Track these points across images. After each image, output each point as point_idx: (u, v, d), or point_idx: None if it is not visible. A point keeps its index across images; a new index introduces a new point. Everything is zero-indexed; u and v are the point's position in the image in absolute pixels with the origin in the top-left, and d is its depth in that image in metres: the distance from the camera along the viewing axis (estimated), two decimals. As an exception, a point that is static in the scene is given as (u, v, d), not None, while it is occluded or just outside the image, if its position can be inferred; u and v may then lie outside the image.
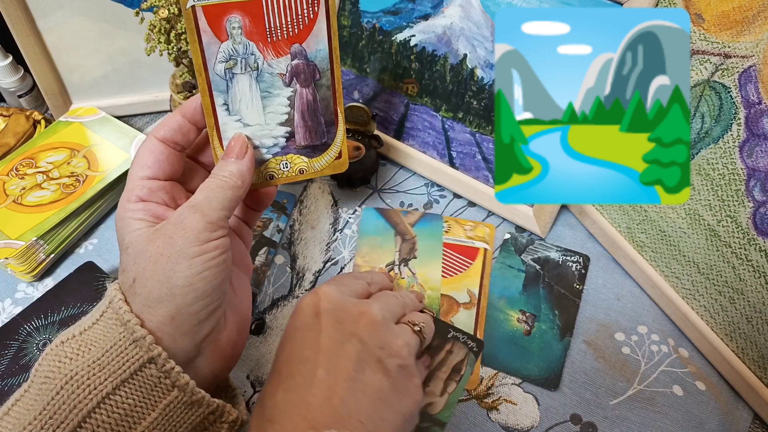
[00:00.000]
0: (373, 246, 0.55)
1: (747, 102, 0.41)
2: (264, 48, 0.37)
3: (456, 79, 0.56)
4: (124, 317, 0.32)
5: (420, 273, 0.53)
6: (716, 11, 0.42)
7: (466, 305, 0.51)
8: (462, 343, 0.46)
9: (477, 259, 0.54)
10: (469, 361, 0.45)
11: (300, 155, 0.40)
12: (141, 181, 0.36)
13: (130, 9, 0.61)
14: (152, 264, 0.33)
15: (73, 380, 0.30)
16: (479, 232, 0.56)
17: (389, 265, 0.54)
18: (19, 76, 0.65)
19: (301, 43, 0.38)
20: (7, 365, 0.44)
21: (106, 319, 0.32)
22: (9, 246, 0.50)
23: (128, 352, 0.31)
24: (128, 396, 0.31)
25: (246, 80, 0.37)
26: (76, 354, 0.31)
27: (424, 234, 0.56)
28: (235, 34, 0.37)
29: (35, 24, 0.60)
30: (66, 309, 0.47)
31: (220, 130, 0.38)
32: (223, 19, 0.36)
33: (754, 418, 0.46)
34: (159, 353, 0.31)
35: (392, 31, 0.58)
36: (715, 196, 0.44)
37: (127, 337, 0.31)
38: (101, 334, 0.32)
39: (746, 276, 0.43)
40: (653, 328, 0.51)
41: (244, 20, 0.36)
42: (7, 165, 0.58)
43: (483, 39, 0.54)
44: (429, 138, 0.60)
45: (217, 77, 0.37)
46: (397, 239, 0.56)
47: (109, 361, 0.31)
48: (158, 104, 0.69)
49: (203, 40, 0.36)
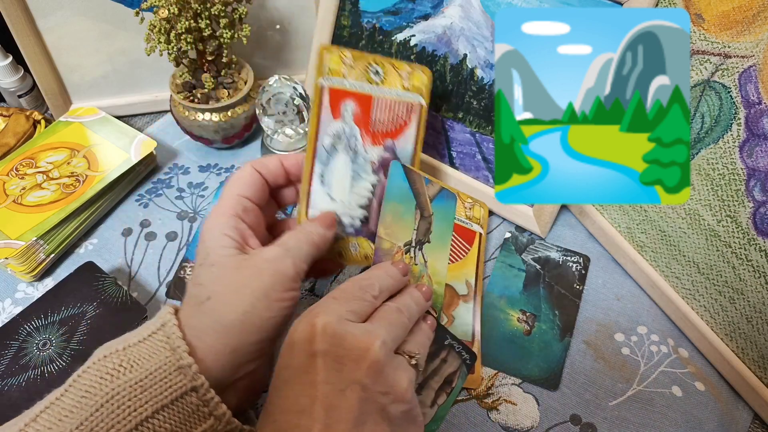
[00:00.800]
0: (396, 216, 0.47)
1: (747, 102, 0.41)
2: (365, 135, 0.43)
3: (456, 79, 0.56)
4: (175, 342, 0.32)
5: (430, 262, 0.48)
6: (716, 11, 0.42)
7: (464, 297, 0.50)
8: (456, 353, 0.45)
9: (474, 245, 0.53)
10: (461, 374, 0.44)
11: (370, 241, 0.43)
12: (238, 198, 0.37)
13: (130, 9, 0.61)
14: (234, 292, 0.33)
15: (114, 399, 0.30)
16: (476, 213, 0.54)
17: (407, 245, 0.47)
18: (19, 76, 0.65)
19: (393, 139, 0.44)
20: (7, 365, 0.44)
21: (155, 340, 0.32)
22: (9, 246, 0.50)
23: (172, 378, 0.31)
24: (166, 420, 0.31)
25: (343, 159, 0.42)
26: (117, 370, 0.31)
27: (439, 214, 0.49)
28: (346, 117, 0.44)
29: (35, 24, 0.60)
30: (66, 309, 0.47)
31: (310, 196, 0.42)
32: (341, 102, 0.43)
33: (754, 418, 0.46)
34: (202, 383, 0.31)
35: (392, 31, 0.58)
36: (715, 196, 0.44)
37: (173, 363, 0.31)
38: (146, 353, 0.32)
39: (746, 276, 0.43)
40: (653, 328, 0.51)
41: (357, 108, 0.44)
42: (7, 165, 0.58)
43: (483, 39, 0.54)
44: (429, 138, 0.60)
45: (322, 148, 0.42)
46: (416, 214, 0.48)
47: (152, 384, 0.31)
48: (158, 104, 0.69)
49: (322, 114, 0.43)
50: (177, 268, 0.54)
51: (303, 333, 0.32)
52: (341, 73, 0.44)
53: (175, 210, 0.59)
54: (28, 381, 0.43)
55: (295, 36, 0.67)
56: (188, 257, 0.55)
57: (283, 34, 0.67)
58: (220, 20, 0.54)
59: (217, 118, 0.60)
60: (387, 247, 0.46)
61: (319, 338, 0.31)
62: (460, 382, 0.43)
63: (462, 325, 0.48)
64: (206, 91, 0.60)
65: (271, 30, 0.66)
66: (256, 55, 0.67)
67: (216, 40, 0.57)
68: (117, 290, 0.49)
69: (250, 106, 0.62)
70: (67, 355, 0.45)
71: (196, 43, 0.55)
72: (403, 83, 0.48)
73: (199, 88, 0.60)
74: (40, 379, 0.43)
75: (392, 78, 0.48)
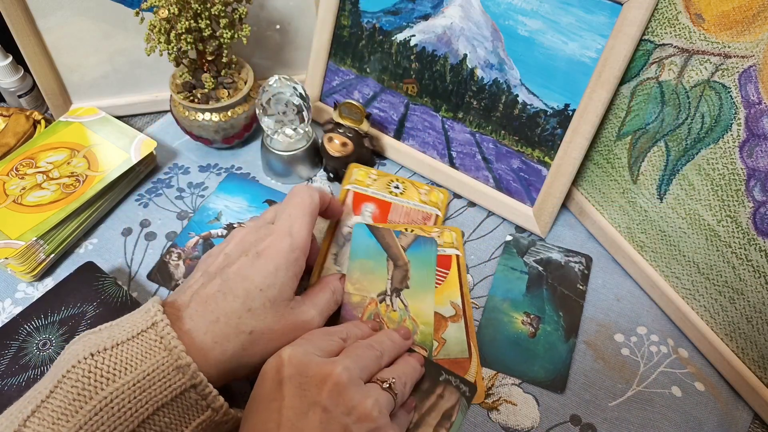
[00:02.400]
0: (365, 271, 0.50)
1: (747, 102, 0.41)
2: None
3: (456, 79, 0.56)
4: (171, 343, 0.32)
5: (412, 306, 0.49)
6: (716, 11, 0.42)
7: (452, 318, 0.49)
8: (454, 388, 0.44)
9: (452, 268, 0.52)
10: (461, 407, 0.43)
11: None
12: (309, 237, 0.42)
13: (130, 9, 0.61)
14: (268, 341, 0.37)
15: (113, 402, 0.30)
16: (447, 238, 0.54)
17: (381, 296, 0.49)
18: (19, 76, 0.65)
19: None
20: (7, 365, 0.44)
21: (146, 339, 0.32)
22: (9, 246, 0.50)
23: (171, 378, 0.32)
24: (165, 415, 0.31)
25: None
26: (112, 374, 0.31)
27: (418, 260, 0.51)
28: (365, 214, 0.54)
29: (35, 24, 0.60)
30: (66, 309, 0.47)
31: (323, 270, 0.50)
32: (362, 204, 0.55)
33: (754, 418, 0.46)
34: (201, 380, 0.32)
35: (392, 31, 0.58)
36: (715, 196, 0.44)
37: (171, 363, 0.32)
38: (139, 353, 0.32)
39: (746, 276, 0.43)
40: (652, 329, 0.51)
41: (376, 209, 0.55)
42: (7, 165, 0.58)
43: (483, 39, 0.54)
44: (429, 138, 0.60)
45: (340, 234, 0.52)
46: (389, 265, 0.50)
47: (150, 385, 0.31)
48: (158, 104, 0.69)
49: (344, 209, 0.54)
50: (163, 252, 0.55)
51: (272, 364, 0.35)
52: (366, 184, 0.57)
53: (175, 210, 0.59)
54: (28, 381, 0.43)
55: (295, 36, 0.67)
56: (177, 243, 0.56)
57: (283, 34, 0.67)
58: (220, 20, 0.54)
59: (217, 118, 0.60)
60: (356, 300, 0.48)
61: (285, 367, 0.34)
62: (461, 416, 0.43)
63: (456, 344, 0.47)
64: (206, 91, 0.60)
65: (271, 30, 0.66)
66: (256, 55, 0.67)
67: (216, 40, 0.57)
68: (117, 290, 0.49)
69: (250, 106, 0.62)
70: (67, 355, 0.45)
71: (196, 43, 0.55)
72: (421, 198, 0.57)
73: (199, 88, 0.60)
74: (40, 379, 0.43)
75: (411, 192, 0.58)
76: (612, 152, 0.53)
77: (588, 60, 0.49)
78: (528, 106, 0.53)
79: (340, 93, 0.64)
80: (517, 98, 0.54)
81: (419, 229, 0.54)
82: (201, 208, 0.59)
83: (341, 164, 0.60)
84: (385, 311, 0.48)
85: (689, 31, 0.44)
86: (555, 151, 0.53)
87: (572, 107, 0.51)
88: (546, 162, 0.54)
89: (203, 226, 0.57)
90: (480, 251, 0.56)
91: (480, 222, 0.59)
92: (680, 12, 0.44)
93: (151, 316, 0.33)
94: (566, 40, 0.49)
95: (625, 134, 0.51)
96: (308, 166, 0.62)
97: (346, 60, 0.62)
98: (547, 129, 0.53)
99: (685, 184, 0.46)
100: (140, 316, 0.34)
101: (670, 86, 0.46)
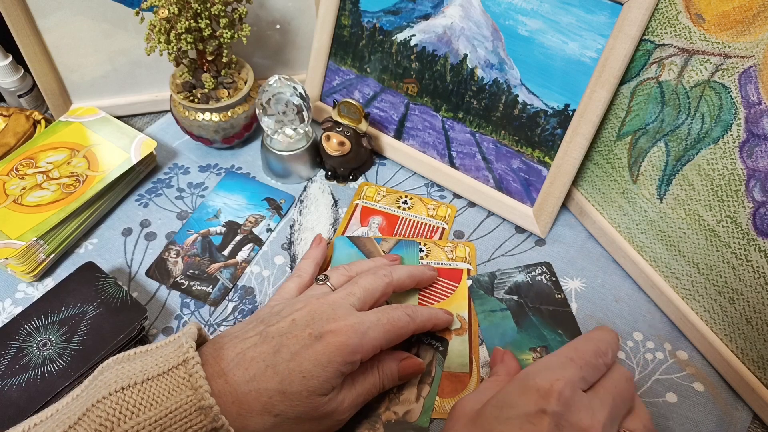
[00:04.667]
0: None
1: (747, 102, 0.41)
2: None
3: (456, 79, 0.56)
4: (198, 382, 0.32)
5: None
6: (716, 11, 0.42)
7: (458, 331, 0.49)
8: (427, 345, 0.47)
9: (461, 281, 0.52)
10: (437, 361, 0.46)
11: None
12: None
13: (130, 9, 0.61)
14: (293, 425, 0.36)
15: None
16: (460, 253, 0.55)
17: None
18: (19, 76, 0.65)
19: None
20: (7, 365, 0.44)
21: (175, 376, 0.32)
22: (9, 246, 0.51)
23: (192, 419, 0.31)
24: None
25: None
26: (137, 408, 0.30)
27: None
28: (372, 226, 0.57)
29: (35, 24, 0.60)
30: (66, 309, 0.47)
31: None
32: (369, 217, 0.58)
33: (754, 419, 0.46)
34: (222, 424, 0.31)
35: (392, 31, 0.58)
36: (715, 196, 0.44)
37: (194, 403, 0.31)
38: (166, 390, 0.31)
39: (746, 276, 0.43)
40: (649, 334, 0.50)
41: (383, 222, 0.58)
42: (7, 165, 0.58)
43: (483, 39, 0.53)
44: (429, 138, 0.60)
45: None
46: None
47: (171, 423, 0.30)
48: (158, 104, 0.69)
49: (351, 221, 0.58)
50: (162, 250, 0.55)
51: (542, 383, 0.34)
52: (375, 200, 0.59)
53: (175, 210, 0.59)
54: (28, 381, 0.43)
55: (295, 36, 0.67)
56: (176, 240, 0.56)
57: (283, 34, 0.67)
58: (220, 20, 0.54)
59: (217, 118, 0.60)
60: None
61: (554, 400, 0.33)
62: (439, 369, 0.45)
63: (457, 357, 0.47)
64: (206, 91, 0.60)
65: (271, 30, 0.66)
66: (256, 55, 0.67)
67: (216, 40, 0.57)
68: (117, 290, 0.49)
69: (250, 106, 0.62)
70: (67, 356, 0.45)
71: (196, 43, 0.55)
72: (429, 212, 0.59)
73: (199, 88, 0.60)
74: (40, 379, 0.43)
75: (419, 207, 0.59)
76: (612, 152, 0.53)
77: (588, 60, 0.49)
78: (528, 106, 0.53)
79: (341, 93, 0.64)
80: (517, 98, 0.54)
81: (432, 243, 0.55)
82: (200, 205, 0.59)
83: (339, 163, 0.60)
84: None
85: (689, 31, 0.44)
86: (555, 151, 0.53)
87: (572, 107, 0.51)
88: (546, 162, 0.54)
89: (202, 224, 0.57)
90: (479, 251, 0.56)
91: (480, 222, 0.59)
92: (680, 12, 0.44)
93: (183, 353, 0.33)
94: (566, 40, 0.49)
95: (625, 134, 0.51)
96: (308, 166, 0.62)
97: (346, 60, 0.62)
98: (547, 129, 0.53)
99: (685, 184, 0.46)
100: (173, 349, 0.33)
101: (670, 86, 0.46)
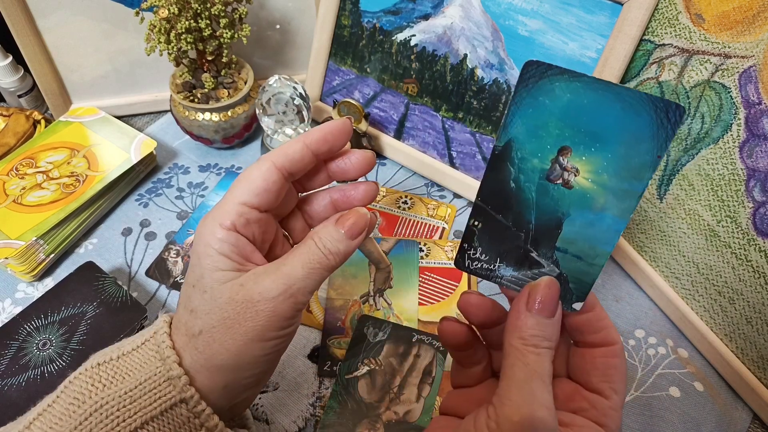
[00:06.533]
0: (347, 277, 0.53)
1: (747, 102, 0.41)
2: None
3: (456, 79, 0.56)
4: (165, 353, 0.31)
5: (396, 303, 0.51)
6: (716, 11, 0.42)
7: None
8: (428, 345, 0.47)
9: (462, 281, 0.53)
10: (438, 361, 0.46)
11: None
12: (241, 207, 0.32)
13: (130, 9, 0.61)
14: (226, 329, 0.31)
15: (102, 408, 0.29)
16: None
17: (363, 297, 0.52)
18: (19, 76, 0.65)
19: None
20: (7, 365, 0.44)
21: (146, 349, 0.32)
22: (9, 246, 0.50)
23: (161, 389, 0.30)
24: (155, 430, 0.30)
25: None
26: (110, 381, 0.30)
27: (400, 261, 0.54)
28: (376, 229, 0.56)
29: (35, 24, 0.60)
30: (66, 309, 0.47)
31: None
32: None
33: (753, 419, 0.46)
34: (192, 395, 0.31)
35: (392, 31, 0.58)
36: (715, 196, 0.44)
37: (163, 374, 0.31)
38: (138, 364, 0.31)
39: (746, 276, 0.43)
40: (651, 331, 0.51)
41: (383, 222, 0.57)
42: (7, 165, 0.58)
43: (483, 39, 0.53)
44: (429, 138, 0.60)
45: None
46: (371, 269, 0.54)
47: (141, 395, 0.30)
48: (158, 104, 0.69)
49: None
50: (162, 250, 0.55)
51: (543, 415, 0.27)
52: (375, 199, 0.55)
53: (175, 210, 0.59)
54: (28, 381, 0.43)
55: (295, 36, 0.67)
56: (176, 240, 0.56)
57: (283, 34, 0.67)
58: (220, 20, 0.54)
59: (217, 118, 0.60)
60: (339, 304, 0.51)
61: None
62: (440, 369, 0.46)
63: None
64: (206, 91, 0.60)
65: (271, 30, 0.66)
66: (256, 55, 0.67)
67: (216, 40, 0.57)
68: (117, 290, 0.49)
69: (250, 106, 0.62)
70: (67, 355, 0.45)
71: (196, 43, 0.55)
72: (428, 212, 0.59)
73: (199, 88, 0.60)
74: (40, 379, 0.43)
75: (419, 207, 0.59)
76: (612, 152, 0.53)
77: (588, 60, 0.49)
78: (528, 106, 0.53)
79: (341, 93, 0.64)
80: (517, 98, 0.54)
81: (433, 243, 0.56)
82: (200, 205, 0.59)
83: None
84: (368, 311, 0.50)
85: (689, 31, 0.44)
86: (555, 151, 0.53)
87: (572, 107, 0.51)
88: (546, 162, 0.54)
89: (203, 226, 0.58)
90: (480, 251, 0.56)
91: (480, 222, 0.59)
92: (680, 12, 0.44)
93: (155, 326, 0.33)
94: (566, 40, 0.49)
95: (625, 134, 0.51)
96: (308, 166, 0.62)
97: (346, 60, 0.62)
98: (547, 129, 0.53)
99: (685, 184, 0.46)
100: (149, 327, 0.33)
101: (670, 86, 0.46)
